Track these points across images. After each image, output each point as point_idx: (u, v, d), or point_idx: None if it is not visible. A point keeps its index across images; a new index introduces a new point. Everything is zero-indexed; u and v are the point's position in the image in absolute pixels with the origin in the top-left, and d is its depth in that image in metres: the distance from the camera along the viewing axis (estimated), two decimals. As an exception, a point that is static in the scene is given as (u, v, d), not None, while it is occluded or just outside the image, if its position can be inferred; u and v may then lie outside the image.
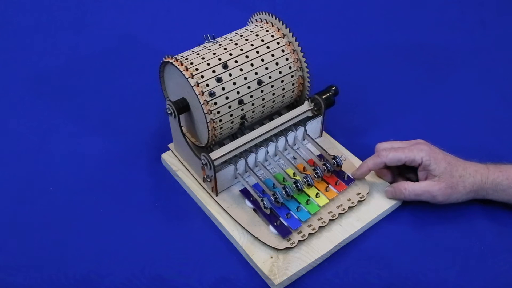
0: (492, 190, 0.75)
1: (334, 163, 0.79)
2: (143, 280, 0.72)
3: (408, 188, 0.76)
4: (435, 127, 0.94)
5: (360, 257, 0.74)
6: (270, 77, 0.78)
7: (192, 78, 0.73)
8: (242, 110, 0.77)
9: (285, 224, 0.74)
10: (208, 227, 0.78)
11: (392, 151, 0.76)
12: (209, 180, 0.77)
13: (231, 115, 0.77)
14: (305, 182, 0.77)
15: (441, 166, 0.74)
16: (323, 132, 0.88)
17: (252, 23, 0.85)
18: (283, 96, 0.82)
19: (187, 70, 0.73)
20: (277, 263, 0.71)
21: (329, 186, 0.79)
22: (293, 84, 0.82)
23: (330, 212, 0.76)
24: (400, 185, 0.77)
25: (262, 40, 0.79)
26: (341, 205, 0.77)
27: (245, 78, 0.76)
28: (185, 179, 0.83)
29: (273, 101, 0.81)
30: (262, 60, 0.78)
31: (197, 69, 0.74)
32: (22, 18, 1.21)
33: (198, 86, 0.73)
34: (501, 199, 0.76)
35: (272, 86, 0.79)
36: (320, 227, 0.74)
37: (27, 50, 1.13)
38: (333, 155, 0.80)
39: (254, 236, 0.73)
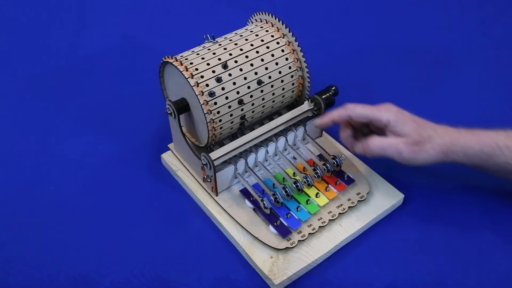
0: (463, 153, 0.73)
1: (334, 163, 0.79)
2: (143, 280, 0.72)
3: (375, 142, 0.74)
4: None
5: (360, 257, 0.74)
6: (270, 77, 0.78)
7: (192, 78, 0.73)
8: (242, 110, 0.77)
9: (285, 224, 0.74)
10: (208, 227, 0.78)
11: (360, 106, 0.75)
12: (209, 180, 0.77)
13: (231, 115, 0.77)
14: (305, 182, 0.77)
15: (408, 126, 0.73)
16: (323, 132, 0.88)
17: (252, 23, 0.85)
18: (283, 96, 0.82)
19: (187, 70, 0.73)
20: (277, 263, 0.71)
21: (329, 186, 0.79)
22: (293, 84, 0.82)
23: (330, 212, 0.76)
24: (367, 140, 0.74)
25: (262, 40, 0.79)
26: (341, 205, 0.77)
27: (245, 78, 0.76)
28: (185, 179, 0.83)
29: (273, 101, 0.81)
30: (262, 60, 0.78)
31: (197, 69, 0.74)
32: (22, 18, 1.21)
33: (198, 86, 0.73)
34: (473, 164, 0.74)
35: (272, 86, 0.79)
36: (320, 227, 0.74)
37: (27, 50, 1.12)
38: (333, 155, 0.80)
39: (254, 236, 0.73)
